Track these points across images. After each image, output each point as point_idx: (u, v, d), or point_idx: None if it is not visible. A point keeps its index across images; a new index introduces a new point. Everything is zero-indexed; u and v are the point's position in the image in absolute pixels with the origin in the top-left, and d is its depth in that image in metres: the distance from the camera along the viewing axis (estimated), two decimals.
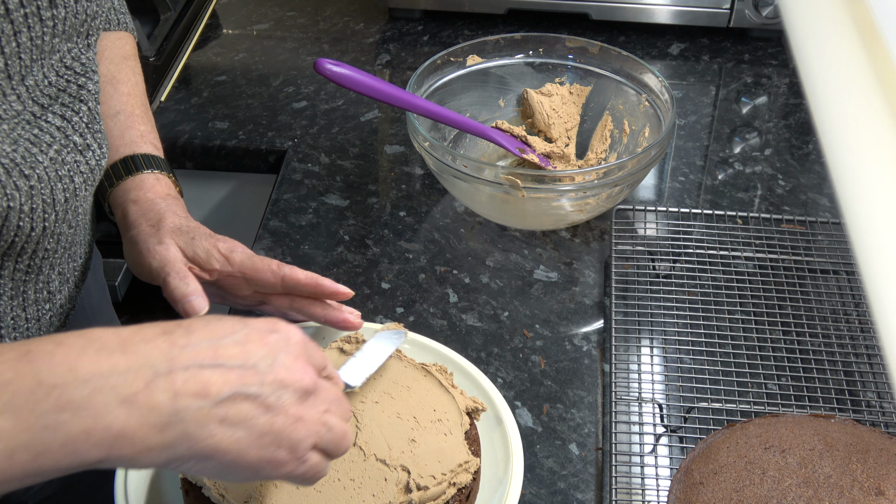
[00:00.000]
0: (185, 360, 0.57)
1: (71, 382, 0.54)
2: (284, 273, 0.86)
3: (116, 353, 0.56)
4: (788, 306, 1.00)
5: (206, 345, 0.58)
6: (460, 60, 1.20)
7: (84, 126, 0.77)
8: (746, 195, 1.19)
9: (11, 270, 0.75)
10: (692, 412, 0.90)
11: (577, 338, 1.00)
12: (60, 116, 0.75)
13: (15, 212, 0.70)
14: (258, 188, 1.33)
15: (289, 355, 0.61)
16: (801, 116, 1.34)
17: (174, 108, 1.35)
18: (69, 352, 0.55)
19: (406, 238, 1.13)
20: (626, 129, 1.18)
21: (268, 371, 0.59)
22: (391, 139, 1.30)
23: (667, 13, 1.47)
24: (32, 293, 0.79)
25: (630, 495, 0.83)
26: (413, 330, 0.94)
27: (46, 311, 0.81)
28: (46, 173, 0.72)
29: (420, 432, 0.78)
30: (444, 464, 0.75)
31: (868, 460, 0.76)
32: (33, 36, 0.71)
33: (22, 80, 0.72)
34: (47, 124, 0.74)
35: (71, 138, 0.76)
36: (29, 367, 0.54)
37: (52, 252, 0.78)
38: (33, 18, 0.71)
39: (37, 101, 0.74)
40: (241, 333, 0.60)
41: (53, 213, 0.74)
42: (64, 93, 0.76)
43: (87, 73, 0.79)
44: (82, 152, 0.77)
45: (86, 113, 0.78)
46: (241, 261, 0.86)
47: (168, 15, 1.48)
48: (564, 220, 1.11)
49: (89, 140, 0.78)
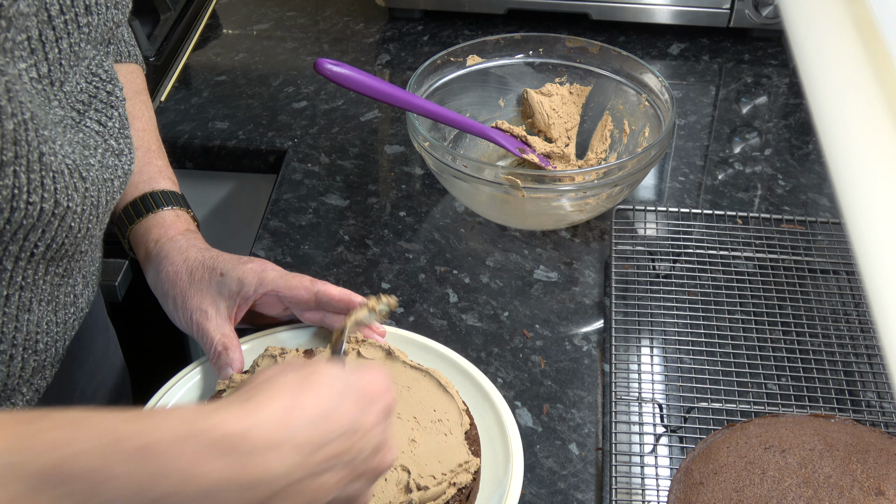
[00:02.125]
0: (303, 473, 0.57)
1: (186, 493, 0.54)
2: (318, 289, 0.87)
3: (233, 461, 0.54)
4: (788, 306, 1.00)
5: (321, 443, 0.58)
6: (460, 60, 1.20)
7: (118, 131, 0.79)
8: (746, 195, 1.19)
9: (52, 275, 0.76)
10: (692, 412, 0.90)
11: (577, 338, 1.00)
12: (97, 122, 0.77)
13: (71, 212, 0.71)
14: (258, 188, 1.33)
15: (384, 446, 0.63)
16: (801, 116, 1.34)
17: (174, 108, 1.35)
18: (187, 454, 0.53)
19: (406, 238, 1.13)
20: (626, 129, 1.18)
21: (365, 467, 0.61)
22: (391, 139, 1.30)
23: (667, 13, 1.47)
24: (62, 297, 0.79)
25: (630, 495, 0.83)
26: (413, 330, 0.94)
27: (71, 314, 0.82)
28: (97, 176, 0.74)
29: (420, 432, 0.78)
30: (444, 464, 0.75)
31: (868, 460, 0.76)
32: (72, 42, 0.72)
33: (61, 85, 0.73)
34: (87, 129, 0.75)
35: (108, 142, 0.77)
36: (147, 465, 0.53)
37: (84, 254, 0.79)
38: (72, 25, 0.72)
39: (74, 107, 0.75)
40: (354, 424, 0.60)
41: (96, 215, 0.75)
42: (95, 98, 0.77)
43: (111, 80, 0.80)
44: (118, 156, 0.78)
45: (117, 118, 0.79)
46: (274, 279, 0.87)
47: (168, 15, 1.48)
48: (564, 220, 1.11)
49: (122, 145, 0.79)
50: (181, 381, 0.86)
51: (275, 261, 1.09)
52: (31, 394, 0.81)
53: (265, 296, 0.87)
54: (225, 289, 0.86)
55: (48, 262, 0.74)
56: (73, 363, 0.91)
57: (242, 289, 0.86)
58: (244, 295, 0.86)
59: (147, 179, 0.94)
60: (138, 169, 0.93)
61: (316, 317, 0.89)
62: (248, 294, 0.86)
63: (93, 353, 0.96)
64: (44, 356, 0.79)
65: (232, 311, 0.87)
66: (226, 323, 0.87)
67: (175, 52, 1.45)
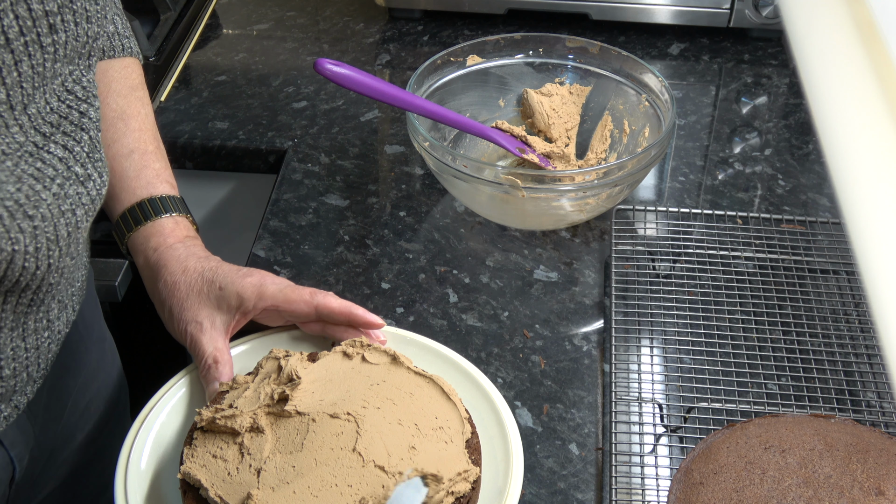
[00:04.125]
0: None
1: None
2: (318, 302, 0.86)
3: None
4: (788, 306, 1.00)
5: None
6: (460, 60, 1.20)
7: (85, 156, 0.76)
8: (746, 195, 1.19)
9: (14, 304, 0.74)
10: (692, 412, 0.90)
11: (577, 338, 1.00)
12: (62, 147, 0.74)
13: (20, 254, 0.69)
14: (258, 188, 1.33)
15: None
16: (801, 116, 1.34)
17: (174, 108, 1.35)
18: None
19: (406, 238, 1.12)
20: (626, 129, 1.18)
21: None
22: (391, 139, 1.30)
23: (667, 13, 1.47)
24: (32, 323, 0.78)
25: (630, 495, 0.83)
26: (413, 330, 0.94)
27: (45, 338, 0.81)
28: (50, 210, 0.71)
29: (420, 440, 0.77)
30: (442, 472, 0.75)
31: (868, 460, 0.76)
32: (34, 64, 0.70)
33: (24, 109, 0.70)
34: (50, 156, 0.73)
35: (73, 169, 0.74)
36: None
37: (55, 285, 0.77)
38: (34, 46, 0.69)
39: (39, 130, 0.72)
40: None
41: (57, 248, 0.73)
42: (66, 120, 0.75)
43: (88, 98, 0.78)
44: (83, 183, 0.76)
45: (87, 142, 0.77)
46: (274, 293, 0.86)
47: (168, 15, 1.48)
48: (564, 220, 1.11)
49: (90, 170, 0.77)
50: (176, 386, 0.86)
51: (275, 261, 1.09)
52: (9, 410, 0.80)
53: (265, 310, 0.87)
54: (224, 303, 0.86)
55: (5, 295, 0.72)
56: (66, 375, 0.90)
57: (242, 304, 0.85)
58: (243, 310, 0.86)
59: (144, 184, 0.92)
60: (135, 173, 0.92)
61: (317, 328, 0.88)
62: (247, 309, 0.86)
63: (86, 365, 0.95)
64: (13, 381, 0.78)
65: (230, 325, 0.86)
66: (220, 336, 0.86)
67: (175, 52, 1.45)
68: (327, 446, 0.75)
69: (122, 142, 0.92)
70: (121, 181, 0.92)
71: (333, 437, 0.75)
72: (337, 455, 0.74)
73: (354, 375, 0.81)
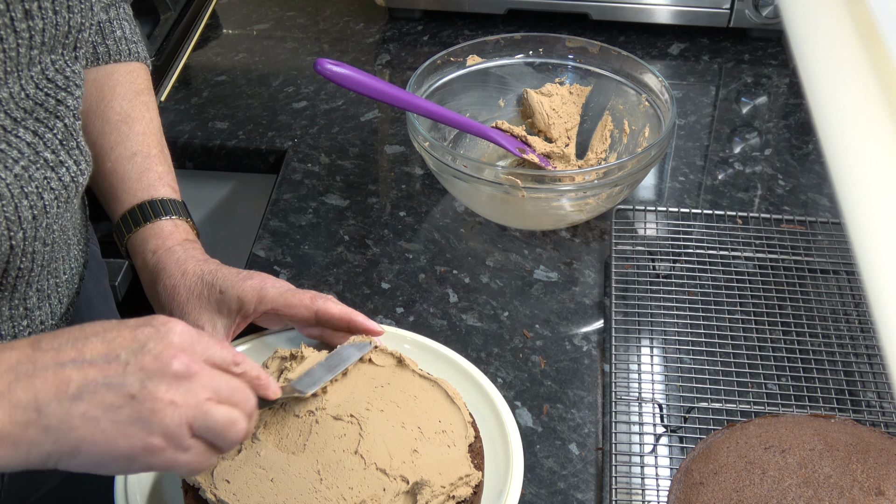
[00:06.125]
0: (46, 362, 0.59)
1: None
2: (318, 307, 0.86)
3: None
4: (788, 306, 1.00)
5: (70, 345, 0.61)
6: (460, 60, 1.20)
7: (57, 143, 0.76)
8: (746, 195, 1.19)
9: None
10: (692, 412, 0.90)
11: (577, 338, 1.00)
12: (32, 132, 0.74)
13: None
14: (258, 188, 1.33)
15: (159, 343, 0.62)
16: (801, 116, 1.34)
17: (174, 108, 1.35)
18: None
19: (406, 238, 1.12)
20: (626, 129, 1.18)
21: (132, 361, 0.61)
22: (391, 139, 1.30)
23: (667, 13, 1.47)
24: (7, 310, 0.78)
25: (630, 495, 0.83)
26: (413, 330, 0.94)
27: (24, 327, 0.81)
28: (9, 190, 0.71)
29: (423, 443, 0.77)
30: (444, 476, 0.75)
31: (868, 460, 0.76)
32: (6, 48, 0.70)
33: None
34: (17, 139, 0.73)
35: (41, 154, 0.74)
36: None
37: (26, 270, 0.77)
38: (6, 30, 0.69)
39: (9, 115, 0.72)
40: (111, 332, 0.62)
41: (20, 230, 0.73)
42: (40, 107, 0.75)
43: (68, 87, 0.77)
44: (54, 169, 0.75)
45: (60, 129, 0.76)
46: (274, 297, 0.86)
47: (168, 15, 1.48)
48: (564, 220, 1.11)
49: (63, 157, 0.76)
50: None
51: (275, 261, 1.09)
52: None
53: (265, 313, 0.87)
54: (224, 307, 0.86)
55: None
56: None
57: (242, 307, 0.85)
58: (244, 314, 0.86)
59: (146, 187, 0.92)
60: (136, 176, 0.92)
61: (316, 332, 0.88)
62: (247, 313, 0.86)
63: None
64: None
65: (230, 329, 0.86)
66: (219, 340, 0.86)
67: (175, 52, 1.45)
68: (329, 448, 0.75)
69: (125, 145, 0.92)
70: (122, 183, 0.92)
71: (336, 438, 0.75)
72: (339, 457, 0.74)
73: (360, 376, 0.81)
